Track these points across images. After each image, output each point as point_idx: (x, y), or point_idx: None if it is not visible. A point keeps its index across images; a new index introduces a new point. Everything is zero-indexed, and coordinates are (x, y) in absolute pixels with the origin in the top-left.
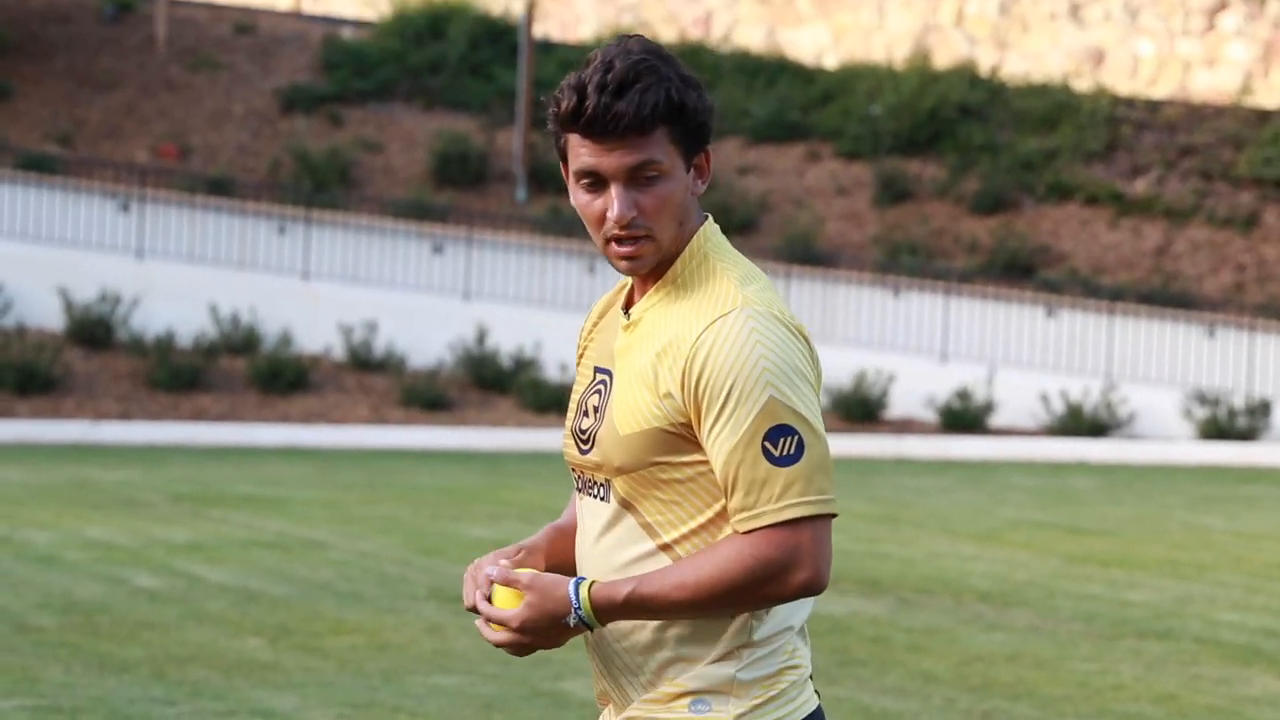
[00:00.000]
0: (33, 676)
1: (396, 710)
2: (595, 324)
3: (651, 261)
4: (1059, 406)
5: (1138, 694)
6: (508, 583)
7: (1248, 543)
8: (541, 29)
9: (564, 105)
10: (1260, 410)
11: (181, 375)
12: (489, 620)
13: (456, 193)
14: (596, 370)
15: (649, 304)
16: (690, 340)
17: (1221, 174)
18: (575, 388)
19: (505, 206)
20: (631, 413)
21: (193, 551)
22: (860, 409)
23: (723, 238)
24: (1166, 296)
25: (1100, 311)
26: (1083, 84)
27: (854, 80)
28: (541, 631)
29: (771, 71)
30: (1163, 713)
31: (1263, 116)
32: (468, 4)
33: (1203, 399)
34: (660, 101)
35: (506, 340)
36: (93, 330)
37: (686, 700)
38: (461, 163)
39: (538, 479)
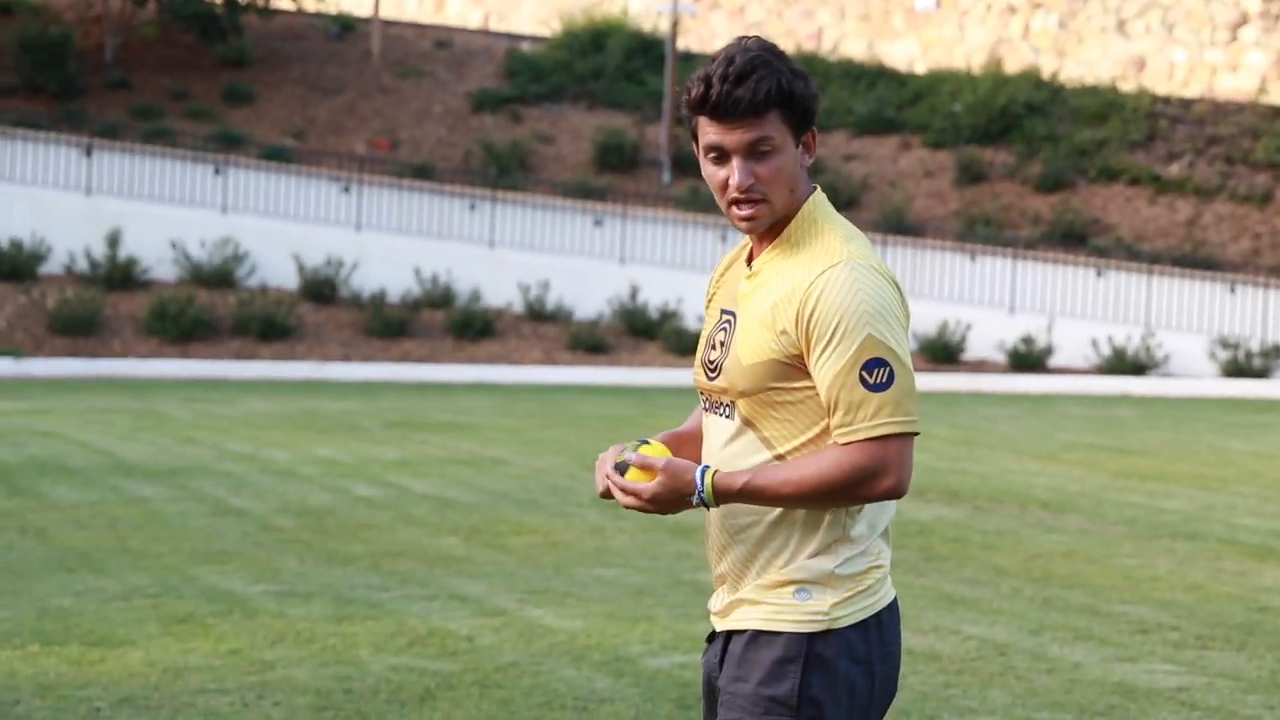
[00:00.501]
0: (275, 567)
1: (566, 595)
2: (722, 274)
3: (767, 221)
4: (1106, 350)
5: (1171, 584)
6: (645, 467)
7: (1263, 461)
8: (684, 43)
9: (694, 93)
10: (1274, 353)
11: (391, 325)
12: (624, 490)
13: (614, 176)
14: (723, 312)
15: (768, 258)
16: (804, 286)
17: (1242, 159)
18: (705, 326)
19: (653, 187)
20: (753, 347)
21: (401, 467)
22: (943, 352)
23: (830, 205)
24: (1195, 260)
25: (1141, 272)
26: (1127, 85)
27: (939, 83)
28: (667, 504)
29: (871, 76)
30: (1192, 599)
31: (1276, 111)
32: (623, 22)
33: (1225, 344)
34: (772, 89)
35: (654, 296)
36: (320, 289)
37: (791, 588)
38: (618, 152)
39: (679, 409)
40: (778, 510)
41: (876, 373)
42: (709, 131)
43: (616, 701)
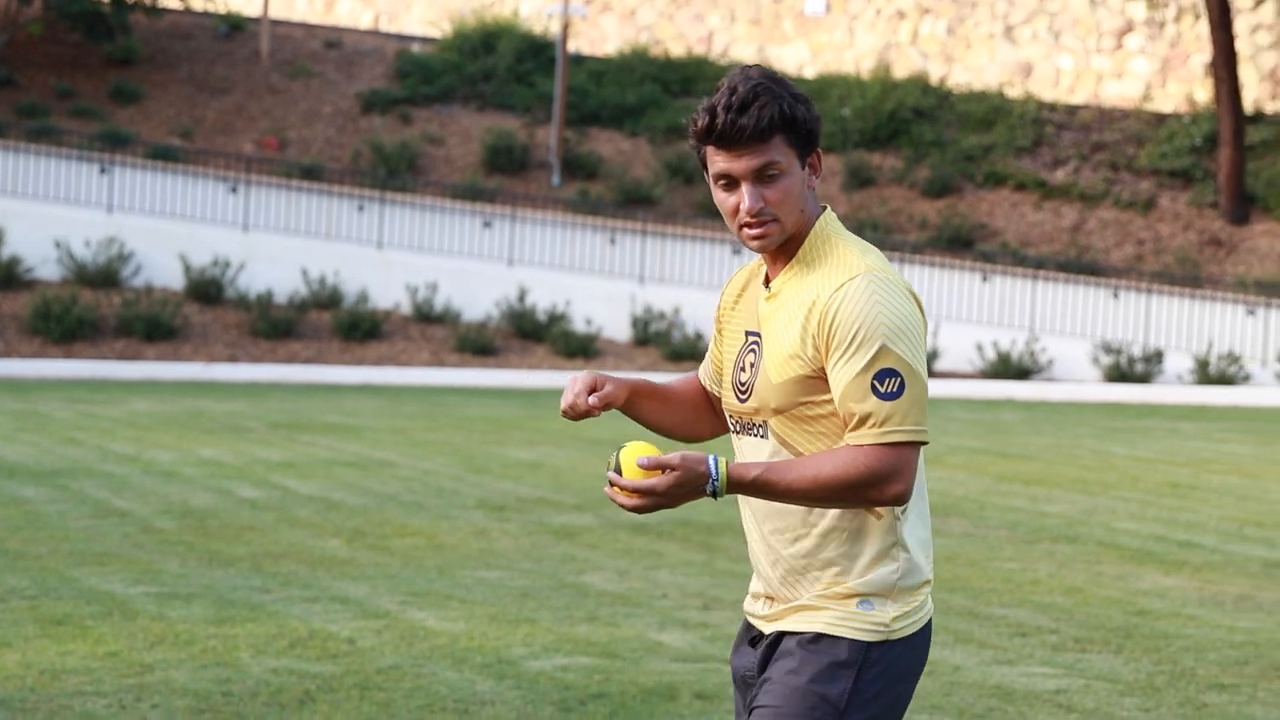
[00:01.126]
0: (156, 569)
1: (449, 597)
2: (737, 298)
3: (778, 240)
4: (991, 354)
5: (1051, 588)
6: (658, 466)
7: (1143, 466)
8: (574, 45)
9: (700, 124)
10: (1155, 358)
11: (278, 326)
12: (634, 490)
13: (503, 178)
14: (747, 334)
15: (786, 278)
16: (825, 298)
17: (1126, 166)
18: (726, 348)
19: (542, 189)
20: (781, 364)
21: (286, 468)
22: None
23: (839, 223)
24: (1080, 265)
25: (1026, 277)
26: (1014, 92)
27: (828, 88)
28: (678, 497)
29: None
30: (1071, 602)
31: (1160, 119)
32: (514, 24)
33: (1108, 349)
34: (775, 115)
35: (543, 298)
36: (206, 289)
37: (856, 600)
38: (508, 154)
39: None
40: (825, 521)
41: (888, 382)
42: (717, 160)
43: (497, 704)
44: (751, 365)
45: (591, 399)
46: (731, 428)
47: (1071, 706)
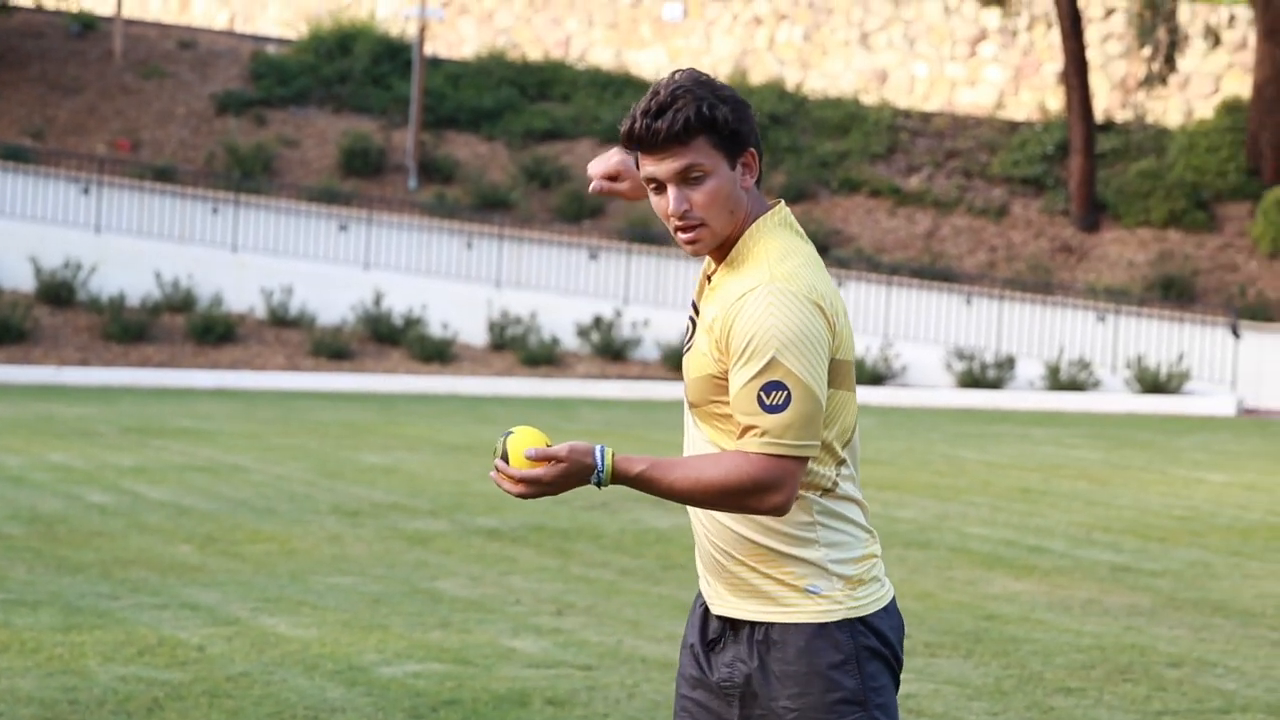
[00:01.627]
0: (2, 575)
1: (300, 604)
2: (705, 269)
3: (709, 244)
4: None
5: (902, 593)
6: (547, 455)
7: (994, 471)
8: (431, 48)
9: (623, 129)
10: (1007, 364)
11: (131, 329)
12: (520, 479)
13: (359, 181)
14: (693, 305)
15: (720, 276)
16: (729, 305)
17: (979, 173)
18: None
19: (399, 193)
20: (697, 361)
21: (137, 473)
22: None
23: (784, 223)
24: (933, 272)
25: (880, 283)
26: (869, 98)
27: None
28: (563, 486)
29: (619, 85)
30: (922, 607)
31: (1013, 126)
32: (371, 26)
33: (961, 355)
34: (690, 116)
35: (399, 302)
36: (58, 292)
37: (803, 582)
38: (364, 157)
39: (423, 417)
40: (757, 517)
41: (774, 395)
42: (645, 164)
43: (348, 711)
44: (687, 343)
45: (596, 186)
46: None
47: (921, 711)
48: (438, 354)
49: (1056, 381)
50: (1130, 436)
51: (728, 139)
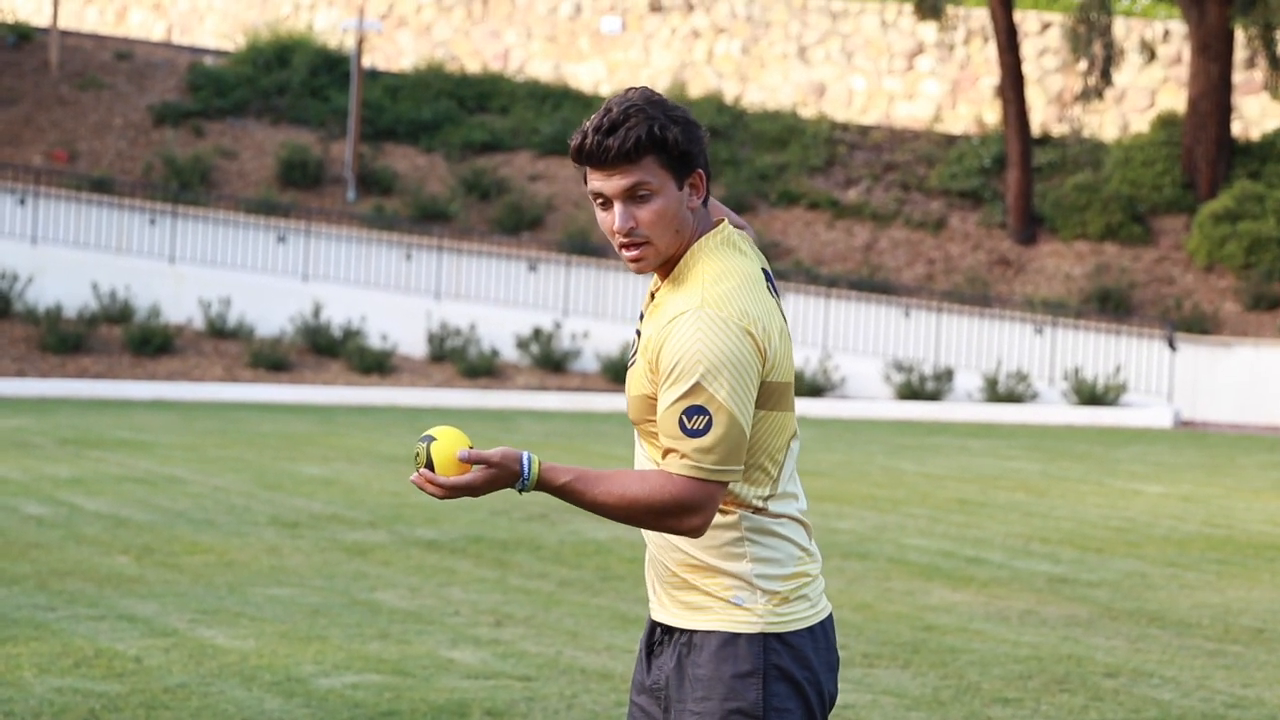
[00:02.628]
0: None
1: (239, 615)
2: (652, 291)
3: (653, 263)
4: None
5: (840, 604)
6: (480, 459)
7: (933, 482)
8: (370, 60)
9: (573, 144)
10: (945, 376)
11: (68, 341)
12: (447, 486)
13: (298, 193)
14: (638, 332)
15: (662, 295)
16: (662, 329)
17: (917, 186)
18: None
19: (338, 205)
20: (635, 379)
21: (74, 485)
22: (624, 374)
23: (727, 242)
24: (872, 284)
25: (819, 295)
26: (808, 112)
27: None
28: (486, 491)
29: (557, 97)
30: (860, 618)
31: (950, 140)
32: (309, 37)
33: (899, 367)
34: (642, 135)
35: (338, 314)
36: None
37: (728, 594)
38: (302, 168)
39: (362, 428)
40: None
41: (696, 419)
42: (592, 179)
43: None
44: (632, 359)
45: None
46: None
47: None
48: (377, 365)
49: (994, 393)
50: (1067, 448)
51: (677, 160)
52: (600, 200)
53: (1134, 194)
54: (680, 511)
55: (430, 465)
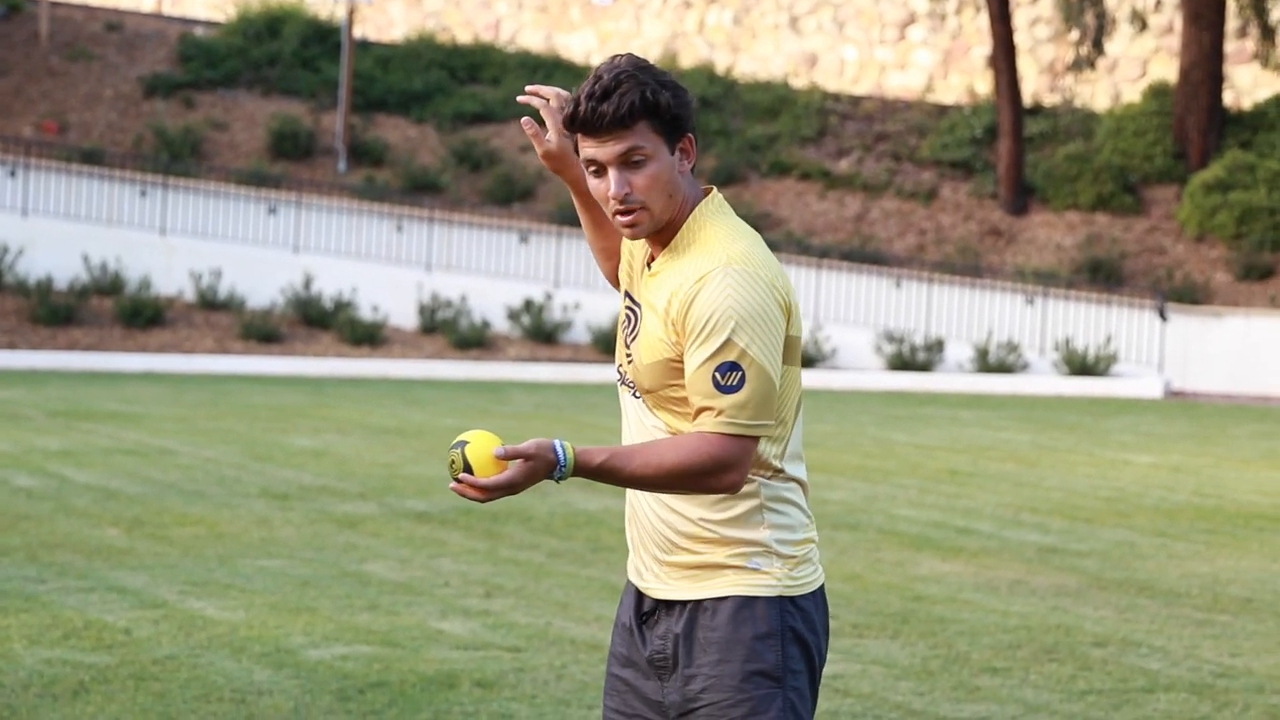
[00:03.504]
0: None
1: (229, 587)
2: (631, 258)
3: (649, 228)
4: None
5: (831, 574)
6: (516, 454)
7: (924, 453)
8: (360, 30)
9: (565, 113)
10: (936, 347)
11: (58, 313)
12: (485, 488)
13: (288, 164)
14: (628, 295)
15: (663, 262)
16: (685, 288)
17: (909, 156)
18: (623, 290)
19: (328, 176)
20: (650, 347)
21: (64, 457)
22: (616, 345)
23: (723, 207)
24: (863, 255)
25: (810, 266)
26: (799, 82)
27: None
28: (527, 485)
29: (548, 68)
30: (850, 589)
31: (942, 110)
32: (299, 8)
33: (890, 337)
34: (635, 101)
35: (329, 285)
36: None
37: (742, 559)
38: (293, 139)
39: (352, 400)
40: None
41: (730, 375)
42: (585, 147)
43: (275, 694)
44: (629, 332)
45: (526, 120)
46: (617, 375)
47: (848, 691)
48: (368, 337)
49: (985, 364)
50: (1058, 418)
51: (669, 124)
52: (594, 168)
53: (1125, 164)
54: (719, 469)
55: (468, 469)
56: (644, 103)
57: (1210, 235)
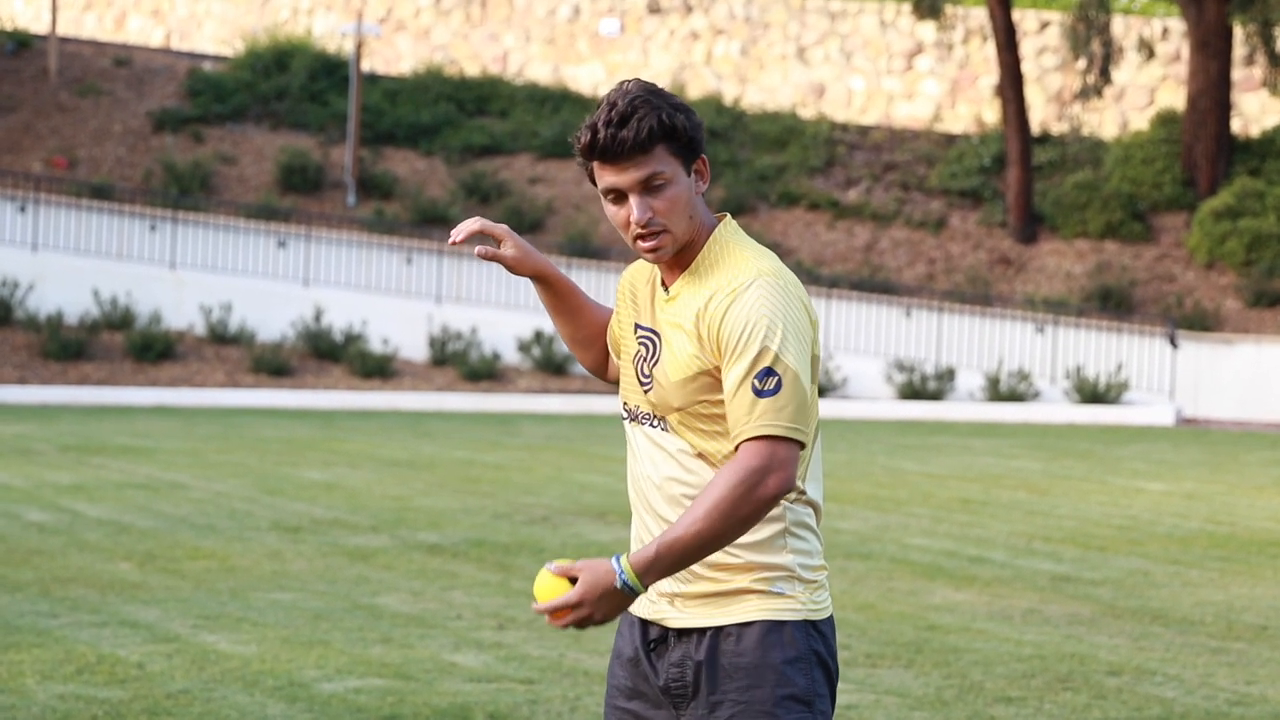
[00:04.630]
0: None
1: (241, 621)
2: (635, 286)
3: (671, 250)
4: None
5: (843, 604)
6: (564, 572)
7: (935, 482)
8: (368, 64)
9: (583, 141)
10: (946, 376)
11: (69, 347)
12: (553, 611)
13: (298, 198)
14: (638, 327)
15: (684, 283)
16: (719, 302)
17: (917, 185)
18: (622, 327)
19: (338, 209)
20: (681, 364)
21: (76, 492)
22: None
23: (739, 230)
24: (873, 284)
25: (820, 296)
26: (807, 112)
27: None
28: (599, 602)
29: (556, 100)
30: (863, 618)
31: (950, 139)
32: (307, 42)
33: (901, 367)
34: (654, 125)
35: (339, 318)
36: None
37: (766, 585)
38: (302, 173)
39: (363, 433)
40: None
41: (767, 380)
42: (604, 175)
43: None
44: (647, 360)
45: (481, 249)
46: (626, 414)
47: None
48: (378, 370)
49: (996, 393)
50: (1070, 446)
51: (685, 146)
52: (612, 195)
53: (1134, 192)
54: (764, 473)
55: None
56: (661, 126)
57: (1220, 262)
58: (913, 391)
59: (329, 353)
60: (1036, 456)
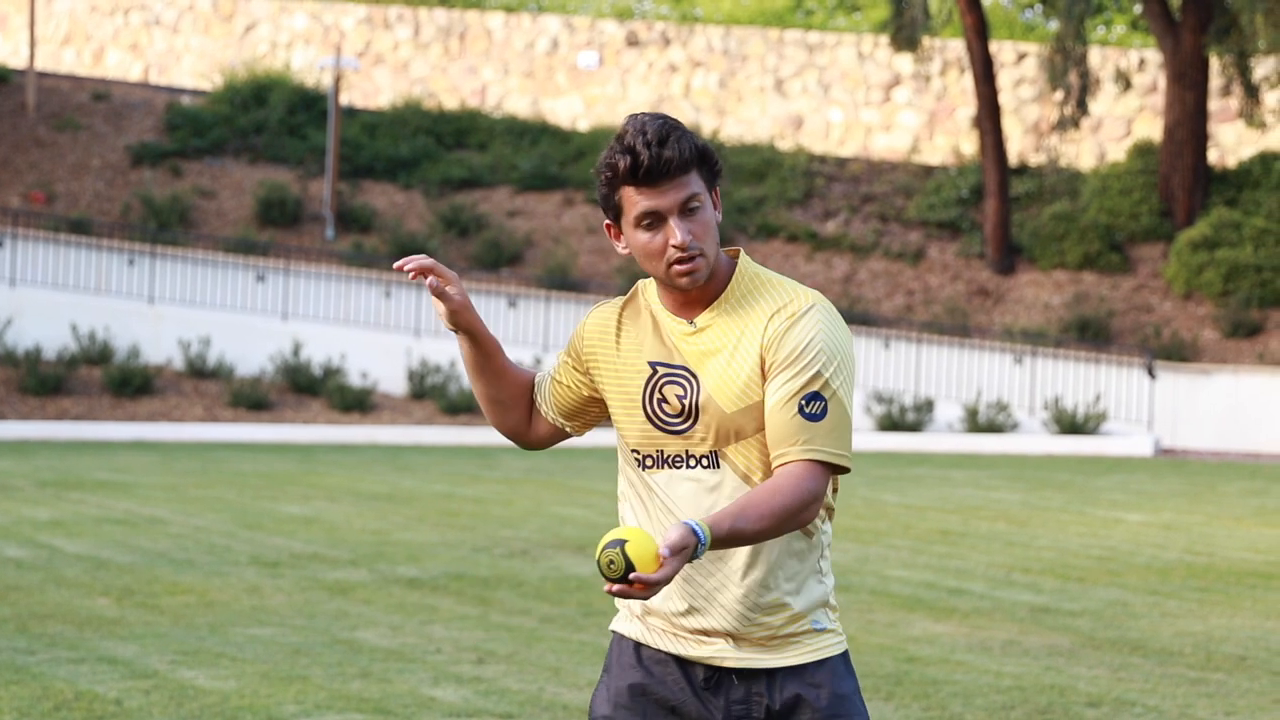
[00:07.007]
0: None
1: (220, 656)
2: (618, 331)
3: (705, 275)
4: None
5: None
6: (679, 547)
7: (914, 513)
8: (347, 98)
9: (622, 166)
10: (925, 407)
11: (47, 382)
12: (648, 584)
13: (276, 231)
14: (655, 365)
15: (714, 314)
16: (782, 324)
17: (895, 217)
18: (608, 381)
19: (316, 243)
20: (738, 394)
21: (54, 527)
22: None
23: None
24: (851, 316)
25: None
26: (785, 144)
27: (602, 140)
28: (678, 571)
29: (535, 133)
30: None
31: (928, 171)
32: (286, 76)
33: (880, 398)
34: (692, 147)
35: (318, 352)
36: None
37: (809, 621)
38: (280, 207)
39: (342, 467)
40: (775, 550)
41: (813, 404)
42: (640, 200)
43: None
44: (679, 398)
45: (433, 280)
46: (644, 462)
47: None
48: (357, 403)
49: (975, 424)
50: (1048, 477)
51: (712, 172)
52: (647, 221)
53: (1111, 222)
54: (815, 500)
55: (630, 567)
56: (696, 149)
57: (1197, 293)
58: (891, 423)
59: (308, 387)
60: (1015, 487)
